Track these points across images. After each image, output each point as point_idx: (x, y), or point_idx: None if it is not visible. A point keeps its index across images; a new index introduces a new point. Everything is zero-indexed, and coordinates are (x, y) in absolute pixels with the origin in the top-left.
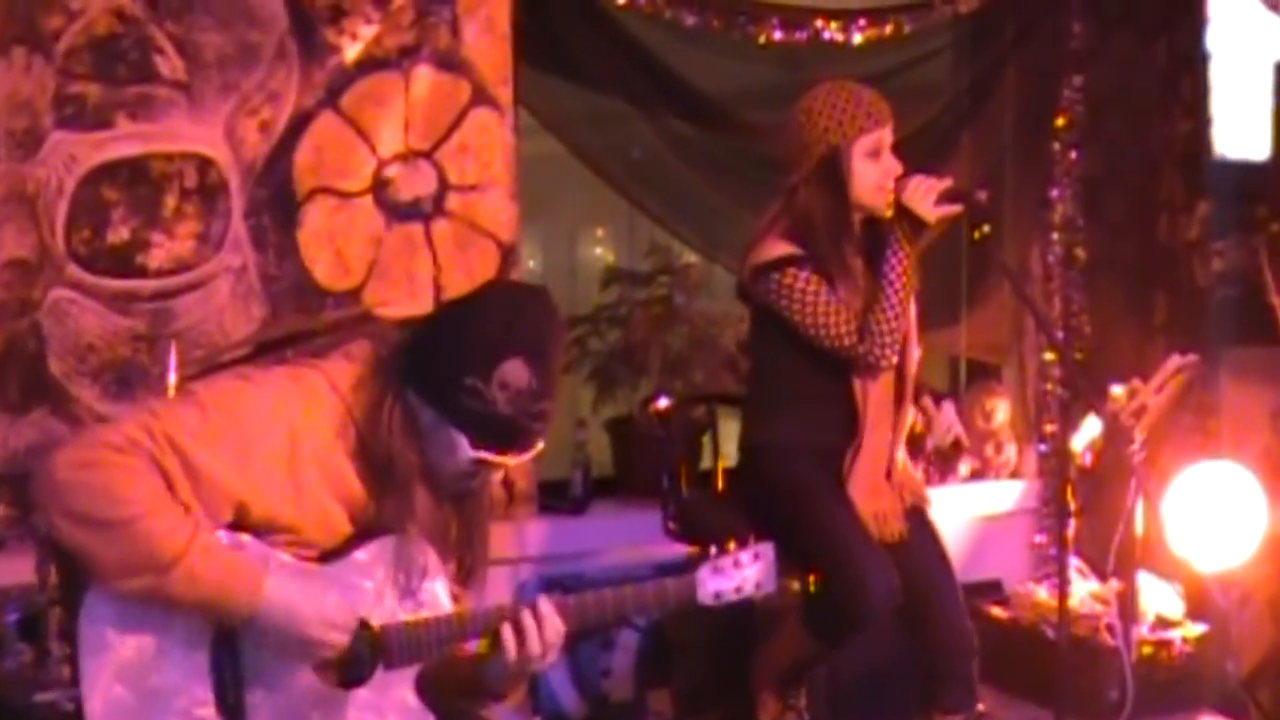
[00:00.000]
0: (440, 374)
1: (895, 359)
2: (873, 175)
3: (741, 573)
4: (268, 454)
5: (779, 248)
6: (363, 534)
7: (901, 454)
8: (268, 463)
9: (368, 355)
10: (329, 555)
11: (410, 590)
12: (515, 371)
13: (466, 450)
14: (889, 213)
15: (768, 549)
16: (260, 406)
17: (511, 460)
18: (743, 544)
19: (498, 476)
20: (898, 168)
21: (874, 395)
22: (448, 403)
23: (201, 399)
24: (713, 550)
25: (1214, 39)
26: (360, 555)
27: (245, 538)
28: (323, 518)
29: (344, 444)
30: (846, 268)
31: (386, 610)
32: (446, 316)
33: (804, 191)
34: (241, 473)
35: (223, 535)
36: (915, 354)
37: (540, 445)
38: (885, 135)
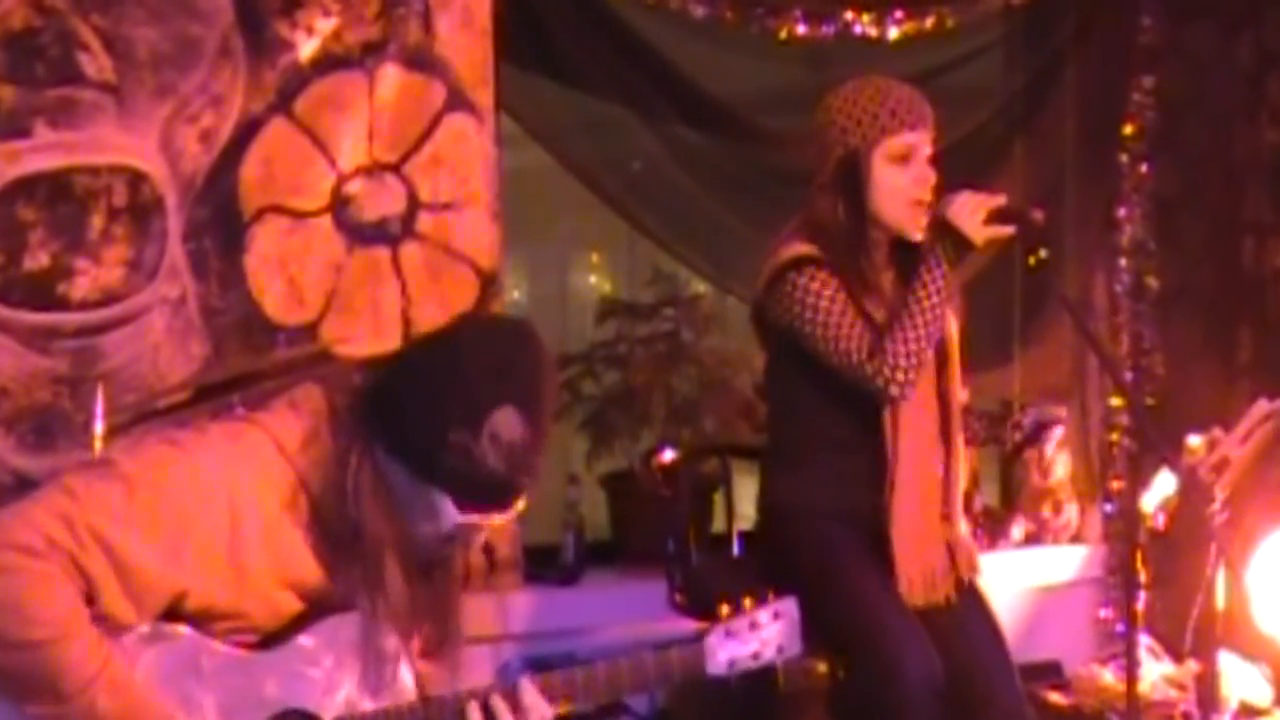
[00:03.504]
0: (418, 430)
1: (909, 390)
2: (898, 184)
3: (759, 635)
4: (206, 538)
5: (796, 248)
6: (310, 614)
7: (963, 524)
8: (206, 548)
9: (318, 406)
10: (272, 638)
11: (369, 678)
12: (506, 421)
13: (451, 515)
14: (918, 234)
15: (790, 606)
16: (195, 480)
17: (497, 520)
18: (760, 602)
19: (480, 539)
20: (931, 178)
21: (908, 445)
22: (429, 463)
23: (126, 474)
24: (724, 610)
25: None
26: (305, 640)
27: (180, 629)
28: (268, 602)
29: (294, 516)
30: (866, 281)
31: (341, 701)
32: (416, 360)
33: (819, 199)
34: (176, 563)
35: (145, 629)
36: (961, 395)
37: (523, 502)
38: (917, 140)
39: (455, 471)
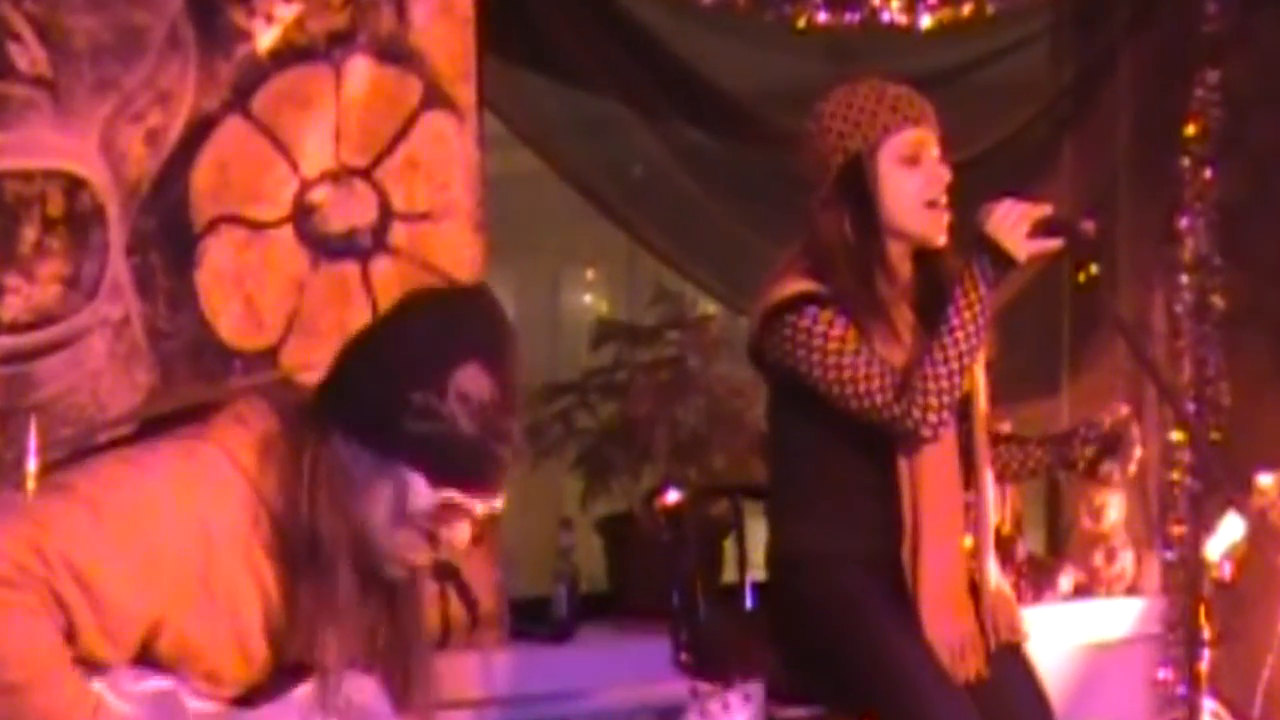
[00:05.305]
0: (376, 399)
1: (943, 430)
2: (910, 186)
3: (731, 718)
4: (178, 562)
5: (794, 285)
6: (293, 669)
7: (995, 572)
8: (179, 573)
9: (268, 418)
10: (253, 692)
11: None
12: (473, 378)
13: (424, 493)
14: (940, 239)
15: (756, 689)
16: (162, 500)
17: (479, 504)
18: (728, 684)
19: (464, 535)
20: (945, 177)
21: (929, 484)
22: (392, 434)
23: (89, 497)
24: (702, 688)
25: None
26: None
27: (151, 684)
28: (239, 640)
29: (259, 537)
30: (881, 309)
31: None
32: (365, 333)
33: (822, 215)
34: (150, 588)
35: (127, 687)
36: (1002, 428)
37: (503, 489)
38: (923, 136)
39: (423, 439)
